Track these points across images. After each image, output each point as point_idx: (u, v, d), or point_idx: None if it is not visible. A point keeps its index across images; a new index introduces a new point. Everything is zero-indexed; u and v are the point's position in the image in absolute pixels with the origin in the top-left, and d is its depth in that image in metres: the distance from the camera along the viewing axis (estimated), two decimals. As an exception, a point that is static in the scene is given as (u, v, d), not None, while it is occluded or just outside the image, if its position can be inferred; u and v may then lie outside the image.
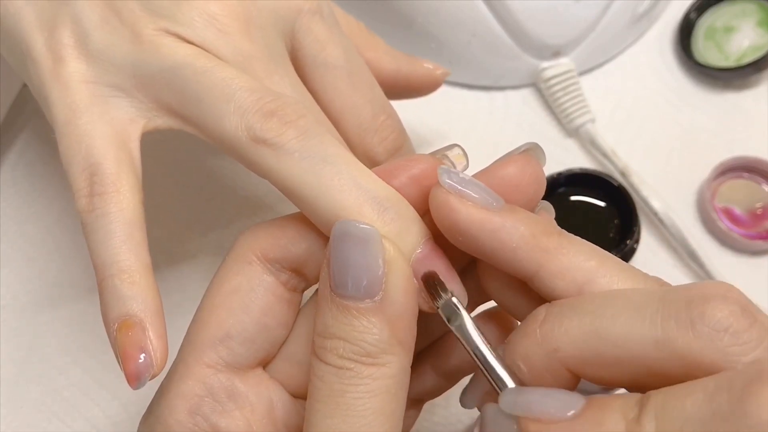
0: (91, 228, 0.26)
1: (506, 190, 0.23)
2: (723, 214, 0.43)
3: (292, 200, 0.24)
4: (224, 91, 0.25)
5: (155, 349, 0.25)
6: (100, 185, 0.27)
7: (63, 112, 0.27)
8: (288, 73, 0.29)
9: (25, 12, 0.28)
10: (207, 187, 0.44)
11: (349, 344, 0.22)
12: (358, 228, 0.22)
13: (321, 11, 0.31)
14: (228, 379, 0.25)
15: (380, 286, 0.22)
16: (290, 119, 0.24)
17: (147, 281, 0.26)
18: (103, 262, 0.26)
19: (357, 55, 0.32)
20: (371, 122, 0.31)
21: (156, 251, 0.27)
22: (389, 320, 0.22)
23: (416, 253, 0.23)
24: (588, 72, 0.47)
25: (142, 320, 0.25)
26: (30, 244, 0.44)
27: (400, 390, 0.23)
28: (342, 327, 0.22)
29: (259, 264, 0.25)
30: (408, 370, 0.23)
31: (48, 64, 0.28)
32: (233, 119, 0.25)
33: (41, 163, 0.46)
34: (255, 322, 0.25)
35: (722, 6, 0.47)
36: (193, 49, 0.27)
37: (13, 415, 0.40)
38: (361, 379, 0.22)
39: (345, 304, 0.22)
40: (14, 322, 0.42)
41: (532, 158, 0.24)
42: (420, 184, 0.24)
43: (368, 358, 0.22)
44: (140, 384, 0.25)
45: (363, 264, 0.22)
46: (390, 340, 0.22)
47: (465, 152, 0.26)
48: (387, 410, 0.22)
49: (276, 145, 0.24)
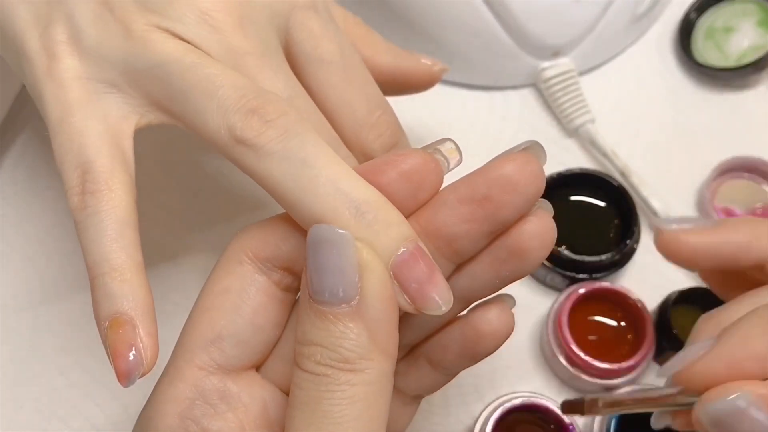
0: (83, 226, 0.26)
1: (505, 188, 0.23)
2: (723, 214, 0.43)
3: (276, 200, 0.24)
4: (208, 88, 0.25)
5: (145, 347, 0.25)
6: (93, 183, 0.26)
7: (56, 109, 0.27)
8: (282, 68, 0.29)
9: (19, 9, 0.28)
10: (205, 184, 0.44)
11: (327, 350, 0.22)
12: (332, 232, 0.22)
13: (315, 6, 0.31)
14: (220, 381, 0.25)
15: (356, 290, 0.22)
16: (270, 118, 0.24)
17: (138, 279, 0.26)
18: (94, 260, 0.26)
19: (352, 51, 0.32)
20: (366, 118, 0.31)
21: (156, 251, 0.27)
22: (367, 325, 0.22)
23: (396, 255, 0.23)
24: (588, 72, 0.47)
25: (133, 318, 0.25)
26: (30, 244, 0.44)
27: (381, 396, 0.22)
28: (319, 333, 0.22)
29: (251, 264, 0.25)
30: (390, 375, 0.23)
31: (42, 62, 0.28)
32: (216, 117, 0.24)
33: (41, 163, 0.46)
34: (247, 322, 0.25)
35: (722, 6, 0.47)
36: (182, 45, 0.27)
37: (13, 415, 0.40)
38: (338, 385, 0.22)
39: (322, 310, 0.22)
40: (14, 322, 0.42)
41: (531, 156, 0.24)
42: (410, 180, 0.24)
43: (346, 364, 0.22)
44: (130, 382, 0.25)
45: (338, 269, 0.22)
46: (368, 346, 0.22)
47: (458, 146, 0.26)
48: (365, 417, 0.22)
49: (256, 146, 0.24)
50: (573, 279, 0.40)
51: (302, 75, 0.30)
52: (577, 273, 0.40)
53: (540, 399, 0.36)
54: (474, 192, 0.23)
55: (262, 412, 0.25)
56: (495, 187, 0.23)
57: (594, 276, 0.40)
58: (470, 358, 0.28)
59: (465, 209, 0.24)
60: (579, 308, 0.39)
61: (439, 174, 0.25)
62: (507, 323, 0.27)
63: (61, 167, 0.27)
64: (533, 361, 0.40)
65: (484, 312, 0.27)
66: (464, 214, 0.24)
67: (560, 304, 0.39)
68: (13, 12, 0.28)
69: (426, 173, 0.24)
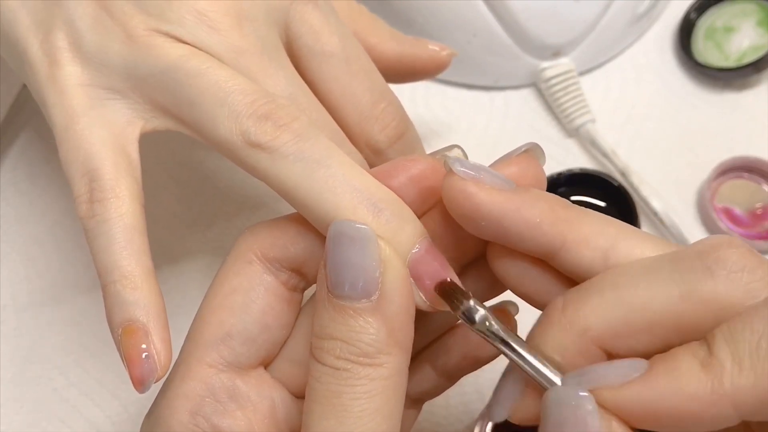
0: (92, 234, 0.27)
1: None
2: (723, 214, 0.43)
3: (289, 202, 0.24)
4: (217, 95, 0.25)
5: (158, 352, 0.26)
6: (99, 191, 0.27)
7: (61, 117, 0.27)
8: (282, 65, 0.29)
9: (20, 14, 0.28)
10: (208, 185, 0.44)
11: (346, 344, 0.22)
12: (353, 228, 0.22)
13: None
14: (229, 379, 0.25)
15: (376, 285, 0.22)
16: (284, 122, 0.24)
17: (149, 285, 0.26)
18: (105, 268, 0.26)
19: (354, 42, 0.32)
20: (371, 110, 0.31)
21: (157, 251, 0.28)
22: (386, 320, 0.22)
23: (412, 252, 0.23)
24: (588, 72, 0.47)
25: (145, 325, 0.26)
26: (30, 244, 0.44)
27: (398, 391, 0.23)
28: (339, 327, 0.22)
29: (259, 263, 0.25)
30: (405, 371, 0.23)
31: (44, 68, 0.28)
32: (227, 123, 0.25)
33: (41, 163, 0.46)
34: (255, 321, 0.25)
35: (722, 6, 0.47)
36: (185, 49, 0.27)
37: (13, 415, 0.40)
38: (358, 379, 0.22)
39: (342, 304, 0.22)
40: (14, 322, 0.42)
41: (532, 159, 0.24)
42: (419, 185, 0.24)
43: (365, 359, 0.22)
44: (146, 387, 0.26)
45: (359, 264, 0.22)
46: (387, 340, 0.22)
47: (465, 153, 0.26)
48: (384, 411, 0.22)
49: (271, 148, 0.24)
50: (573, 279, 0.40)
51: (304, 69, 0.30)
52: (578, 273, 0.40)
53: (540, 399, 0.36)
54: None
55: (270, 411, 0.26)
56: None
57: (594, 276, 0.40)
58: (473, 363, 0.28)
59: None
60: (579, 308, 0.39)
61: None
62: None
63: (68, 175, 0.27)
64: (533, 361, 0.40)
65: None
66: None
67: (560, 304, 0.39)
68: (14, 17, 0.28)
69: (435, 179, 0.24)
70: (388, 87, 0.32)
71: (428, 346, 0.28)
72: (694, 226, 0.42)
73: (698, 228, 0.43)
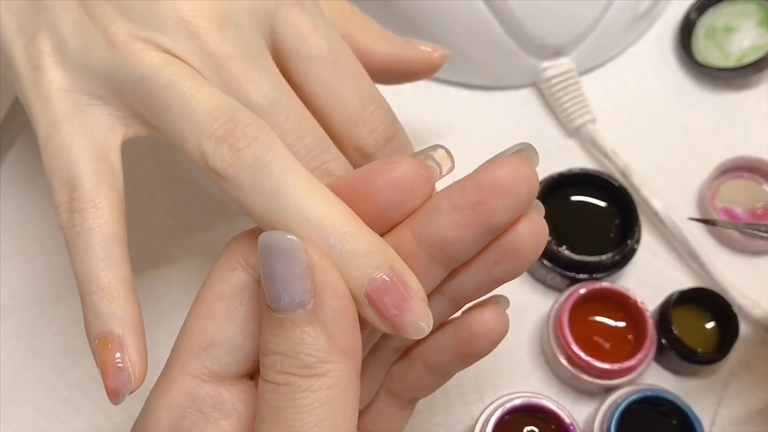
0: (72, 244, 0.27)
1: (498, 192, 0.23)
2: (723, 214, 0.43)
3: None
4: (183, 110, 0.25)
5: (133, 364, 0.26)
6: (79, 201, 0.26)
7: (43, 124, 0.27)
8: (267, 70, 0.28)
9: (5, 19, 0.28)
10: (204, 185, 0.44)
11: (287, 358, 0.22)
12: (280, 239, 0.22)
13: (301, 1, 0.30)
14: (213, 389, 0.25)
15: (309, 293, 0.22)
16: (240, 146, 0.24)
17: (125, 297, 0.26)
18: (83, 279, 0.26)
19: (343, 45, 0.31)
20: (359, 113, 0.30)
21: (153, 250, 0.27)
22: (324, 326, 0.22)
23: (369, 282, 0.23)
24: (588, 72, 0.47)
25: (121, 337, 0.26)
26: (30, 244, 0.43)
27: (345, 399, 0.22)
28: (279, 341, 0.22)
29: (242, 270, 0.25)
30: (354, 376, 0.23)
31: (28, 73, 0.28)
32: (192, 141, 0.24)
33: (41, 163, 0.46)
34: (239, 329, 0.25)
35: (723, 6, 0.47)
36: (162, 58, 0.26)
37: (13, 415, 0.40)
38: (299, 393, 0.22)
39: (279, 318, 0.22)
40: (14, 322, 0.42)
41: (523, 159, 0.23)
42: (400, 188, 0.24)
43: (306, 370, 0.22)
44: (120, 399, 0.26)
45: (288, 274, 0.22)
46: (328, 348, 0.22)
47: (450, 153, 0.25)
48: (329, 422, 0.22)
49: (226, 177, 0.24)
50: (573, 279, 0.40)
51: (291, 73, 0.30)
52: (578, 273, 0.40)
53: (540, 399, 0.36)
54: (467, 197, 0.23)
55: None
56: (488, 191, 0.23)
57: (594, 276, 0.40)
58: (464, 360, 0.28)
59: (458, 215, 0.23)
60: (579, 308, 0.39)
61: (429, 181, 0.24)
62: (501, 324, 0.27)
63: (50, 184, 0.27)
64: (533, 361, 0.40)
65: (479, 313, 0.27)
66: (458, 220, 0.23)
67: (561, 304, 0.39)
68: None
69: (416, 181, 0.24)
70: (377, 90, 0.31)
71: (419, 344, 0.28)
72: (694, 226, 0.42)
73: (698, 228, 0.43)
